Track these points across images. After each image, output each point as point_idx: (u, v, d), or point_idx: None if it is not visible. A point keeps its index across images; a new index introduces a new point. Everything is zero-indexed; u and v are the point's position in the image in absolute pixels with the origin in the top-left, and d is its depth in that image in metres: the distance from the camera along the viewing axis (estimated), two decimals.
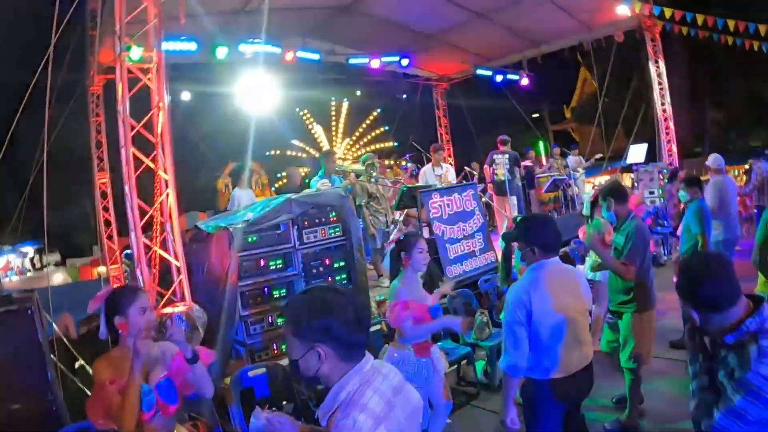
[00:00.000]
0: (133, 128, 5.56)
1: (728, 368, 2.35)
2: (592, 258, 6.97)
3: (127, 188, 5.54)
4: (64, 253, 21.06)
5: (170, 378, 3.06)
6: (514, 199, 10.88)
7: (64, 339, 7.99)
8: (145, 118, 5.65)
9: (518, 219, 4.44)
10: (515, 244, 6.06)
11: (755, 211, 11.40)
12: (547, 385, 3.57)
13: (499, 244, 6.94)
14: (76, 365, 7.88)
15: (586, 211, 6.89)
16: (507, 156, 10.88)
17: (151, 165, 5.60)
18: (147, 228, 5.85)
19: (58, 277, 16.50)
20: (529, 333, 3.49)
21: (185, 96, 12.14)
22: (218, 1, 10.33)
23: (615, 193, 5.24)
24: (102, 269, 16.06)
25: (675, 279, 2.63)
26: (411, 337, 4.30)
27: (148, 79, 5.75)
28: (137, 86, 5.83)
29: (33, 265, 21.67)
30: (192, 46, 10.21)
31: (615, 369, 5.31)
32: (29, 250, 21.73)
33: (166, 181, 5.62)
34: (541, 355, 3.53)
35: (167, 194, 5.61)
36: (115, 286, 3.18)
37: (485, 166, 11.45)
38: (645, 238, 5.08)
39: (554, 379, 3.56)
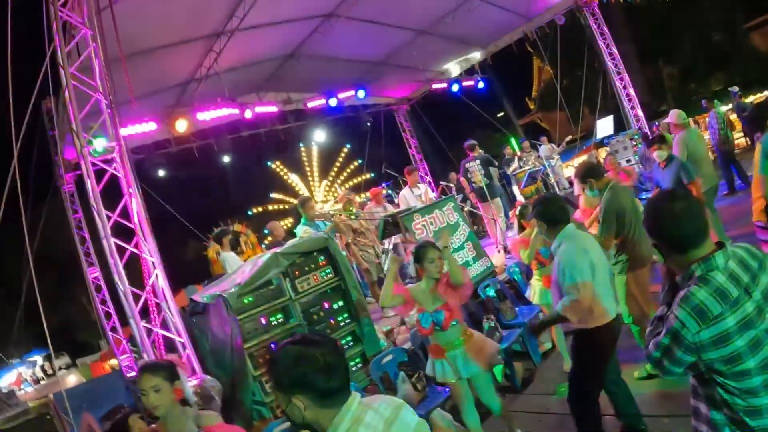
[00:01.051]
0: (109, 218, 5.64)
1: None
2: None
3: (116, 278, 5.61)
4: (72, 355, 21.04)
5: None
6: (498, 201, 10.95)
7: None
8: (120, 207, 5.73)
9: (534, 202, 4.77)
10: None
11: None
12: (599, 332, 4.02)
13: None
14: None
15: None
16: (478, 161, 10.98)
17: (135, 251, 5.67)
18: (146, 312, 5.90)
19: (72, 379, 16.41)
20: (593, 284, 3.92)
21: (160, 173, 12.23)
22: (167, 77, 10.51)
23: (589, 172, 5.76)
24: (114, 362, 15.98)
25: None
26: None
27: (114, 168, 5.84)
28: (105, 177, 5.92)
29: (44, 372, 21.55)
30: (151, 126, 10.33)
31: None
32: (37, 358, 21.62)
33: (153, 263, 5.69)
34: (604, 300, 3.99)
35: (156, 275, 5.67)
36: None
37: (460, 177, 11.55)
38: (615, 205, 5.43)
39: (604, 325, 4.01)
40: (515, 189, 13.57)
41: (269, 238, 11.31)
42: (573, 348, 4.35)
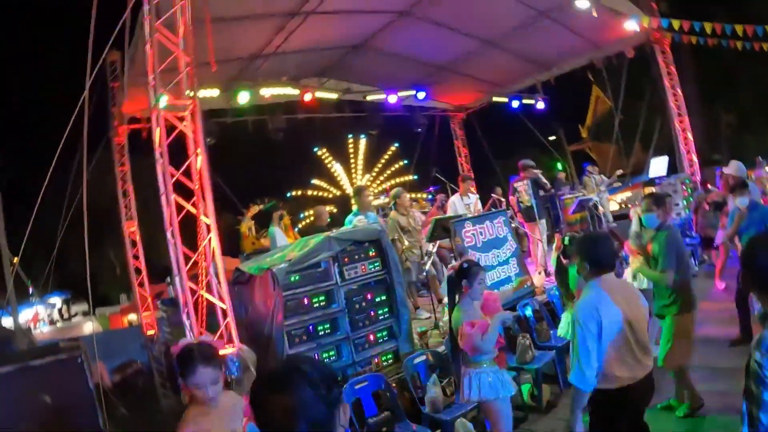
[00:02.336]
0: (172, 176, 5.66)
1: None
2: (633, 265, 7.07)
3: (170, 235, 5.62)
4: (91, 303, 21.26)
5: (252, 423, 3.08)
6: (543, 222, 10.84)
7: (103, 388, 8.07)
8: (184, 165, 5.75)
9: (576, 237, 4.61)
10: (565, 261, 6.25)
11: None
12: (616, 395, 3.68)
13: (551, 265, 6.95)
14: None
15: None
16: (528, 181, 10.89)
17: (193, 210, 5.68)
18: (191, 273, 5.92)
19: (88, 327, 16.58)
20: (600, 345, 3.60)
21: (209, 140, 12.28)
22: (236, 48, 10.56)
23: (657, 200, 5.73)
24: (133, 317, 16.14)
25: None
26: (486, 348, 4.48)
27: (184, 126, 5.86)
28: (172, 134, 5.94)
29: (61, 315, 21.81)
30: (214, 92, 10.40)
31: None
32: (57, 300, 21.88)
33: (207, 226, 5.70)
34: (611, 365, 3.65)
35: (209, 239, 5.68)
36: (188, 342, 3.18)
37: (510, 196, 11.47)
38: (677, 244, 5.43)
39: (622, 388, 3.66)
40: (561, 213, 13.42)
41: (304, 222, 11.32)
42: (589, 409, 3.93)
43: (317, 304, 6.03)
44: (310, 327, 5.93)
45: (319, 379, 1.73)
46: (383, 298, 6.52)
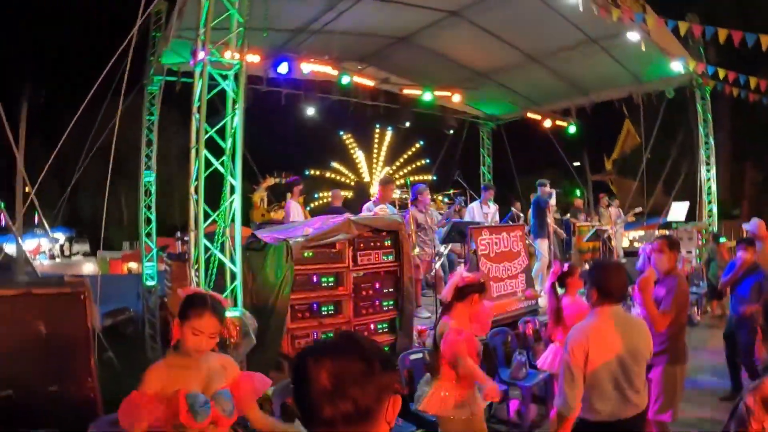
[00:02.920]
0: (206, 131, 5.67)
1: None
2: None
3: (193, 188, 5.62)
4: (94, 245, 21.38)
5: (228, 390, 3.02)
6: (541, 243, 10.79)
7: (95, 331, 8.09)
8: (221, 123, 5.76)
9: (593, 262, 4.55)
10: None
11: None
12: (597, 428, 3.64)
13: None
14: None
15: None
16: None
17: (221, 168, 5.68)
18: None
19: (88, 268, 16.68)
20: (585, 375, 3.57)
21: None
22: (284, 18, 10.54)
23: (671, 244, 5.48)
24: (133, 265, 16.22)
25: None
26: (461, 365, 4.35)
27: (226, 84, 5.86)
28: (213, 91, 5.95)
29: (62, 252, 21.90)
30: (255, 58, 10.38)
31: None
32: (61, 236, 21.96)
33: (233, 187, 5.70)
34: (595, 397, 3.61)
35: (232, 200, 5.69)
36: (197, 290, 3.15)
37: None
38: (684, 293, 5.24)
39: (605, 423, 3.62)
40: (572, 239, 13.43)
41: (317, 202, 11.33)
42: None
43: (325, 284, 6.04)
44: (314, 305, 5.94)
45: (374, 356, 1.56)
46: (390, 290, 6.52)
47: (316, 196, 20.19)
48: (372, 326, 6.36)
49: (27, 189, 9.63)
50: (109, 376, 7.39)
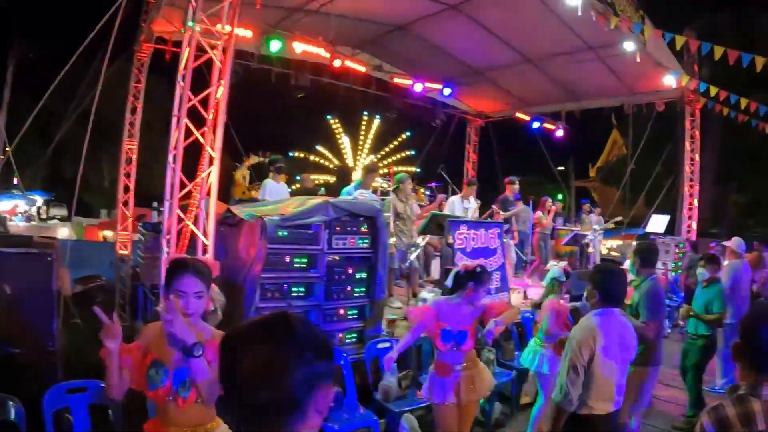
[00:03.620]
0: (190, 100, 5.58)
1: None
2: None
3: (171, 156, 5.54)
4: (70, 210, 21.10)
5: (188, 368, 2.87)
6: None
7: (63, 294, 7.95)
8: (204, 93, 5.67)
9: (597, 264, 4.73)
10: None
11: None
12: (588, 421, 3.79)
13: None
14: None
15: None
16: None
17: (201, 139, 5.60)
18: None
19: (63, 232, 16.45)
20: (587, 369, 3.72)
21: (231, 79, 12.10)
22: None
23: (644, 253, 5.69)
24: (108, 233, 16.02)
25: None
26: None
27: (214, 54, 5.77)
28: (200, 60, 5.86)
29: (39, 215, 21.64)
30: (248, 33, 10.27)
31: None
32: (39, 199, 21.69)
33: (211, 158, 5.62)
34: (594, 396, 3.75)
35: (210, 172, 5.61)
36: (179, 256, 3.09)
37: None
38: (659, 297, 5.40)
39: (594, 416, 3.79)
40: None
41: (297, 185, 11.26)
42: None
43: (298, 265, 5.95)
44: (285, 285, 5.85)
45: (308, 344, 1.47)
46: (363, 276, 6.45)
47: (298, 177, 20.09)
48: (342, 311, 6.29)
49: (7, 149, 9.50)
50: (75, 342, 7.31)
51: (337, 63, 11.69)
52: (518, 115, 15.27)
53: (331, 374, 1.55)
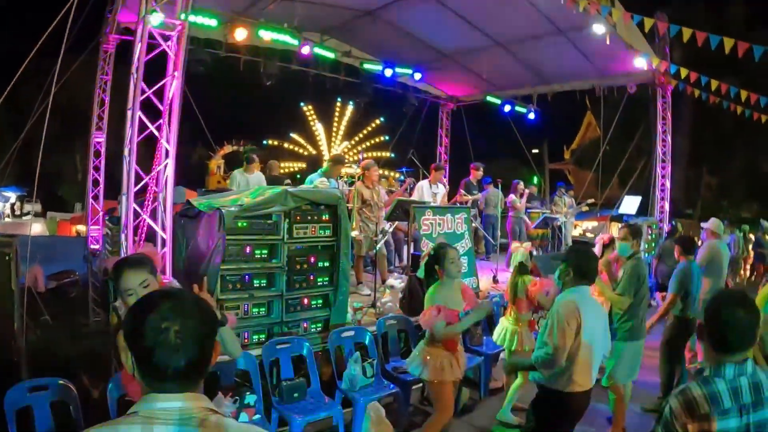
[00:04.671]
0: (143, 93, 5.52)
1: None
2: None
3: (126, 151, 5.49)
4: (45, 205, 20.87)
5: None
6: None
7: (35, 291, 7.88)
8: (157, 85, 5.61)
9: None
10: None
11: None
12: (567, 398, 3.97)
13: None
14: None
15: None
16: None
17: (156, 132, 5.55)
18: (137, 195, 5.79)
19: (36, 228, 16.25)
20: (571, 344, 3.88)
21: (199, 70, 11.99)
22: None
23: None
24: (81, 228, 15.85)
25: None
26: (439, 336, 4.71)
27: (168, 46, 5.70)
28: (154, 51, 5.79)
29: (13, 211, 21.33)
30: (212, 22, 10.15)
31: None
32: (12, 195, 21.37)
33: (167, 152, 5.57)
34: (572, 368, 3.91)
35: (166, 165, 5.56)
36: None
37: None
38: (639, 275, 5.69)
39: (573, 393, 3.96)
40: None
41: (269, 173, 11.20)
42: (534, 404, 4.26)
43: (259, 256, 5.93)
44: (246, 276, 5.83)
45: (209, 313, 1.70)
46: (326, 264, 6.44)
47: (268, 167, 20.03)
48: (306, 301, 6.27)
49: None
50: (43, 339, 7.25)
51: (305, 50, 11.61)
52: (489, 98, 15.23)
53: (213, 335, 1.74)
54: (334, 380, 5.78)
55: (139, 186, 5.54)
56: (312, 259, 6.31)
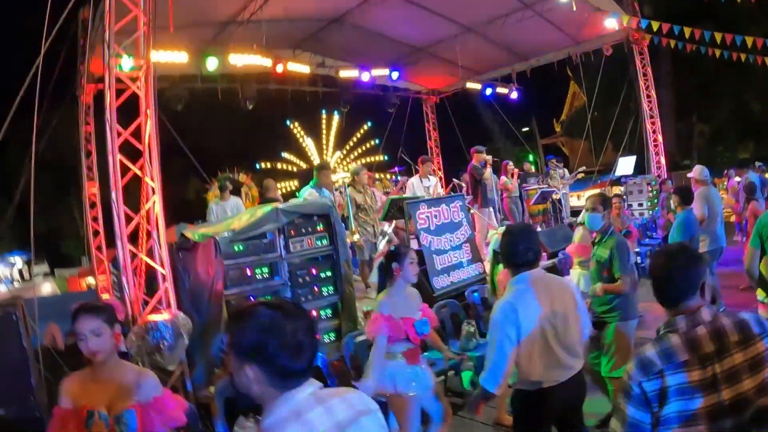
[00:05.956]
0: (120, 135, 5.56)
1: None
2: (577, 270, 7.15)
3: (113, 195, 5.52)
4: (52, 264, 20.99)
5: (133, 411, 2.92)
6: (486, 211, 10.80)
7: (51, 349, 7.93)
8: (133, 126, 5.65)
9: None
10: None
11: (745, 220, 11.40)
12: (537, 396, 3.54)
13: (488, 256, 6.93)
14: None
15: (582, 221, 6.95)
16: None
17: (138, 172, 5.59)
18: (135, 237, 5.82)
19: (47, 288, 16.35)
20: (518, 346, 3.43)
21: (179, 106, 12.05)
22: (209, 13, 10.40)
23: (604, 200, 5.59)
24: (91, 280, 15.93)
25: None
26: (377, 353, 4.30)
27: (137, 87, 5.75)
28: (125, 94, 5.83)
29: (21, 275, 21.48)
30: (182, 57, 10.23)
31: (594, 384, 5.20)
32: (18, 260, 21.56)
33: (152, 189, 5.61)
34: (530, 367, 3.50)
35: (153, 201, 5.60)
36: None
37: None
38: (628, 250, 5.21)
39: (543, 390, 3.51)
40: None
41: (266, 194, 11.26)
42: (511, 404, 3.92)
43: (260, 276, 5.97)
44: (251, 298, 5.87)
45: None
46: (328, 274, 6.48)
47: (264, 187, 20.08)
48: (314, 313, 6.31)
49: None
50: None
51: (279, 68, 11.66)
52: (469, 85, 15.27)
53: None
54: (350, 386, 5.78)
55: (131, 227, 5.57)
56: (314, 271, 6.36)
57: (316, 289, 6.34)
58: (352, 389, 1.97)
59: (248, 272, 5.88)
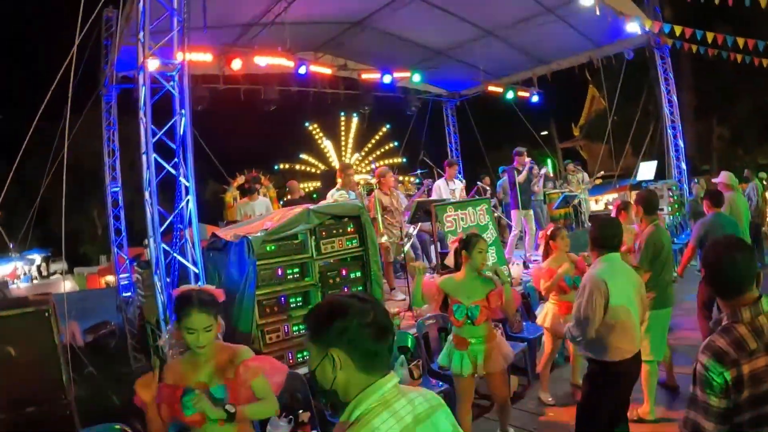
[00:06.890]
0: (155, 134, 5.59)
1: None
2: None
3: (147, 194, 5.56)
4: (70, 262, 21.16)
5: (224, 387, 3.08)
6: (526, 213, 10.81)
7: (75, 346, 7.98)
8: (168, 125, 5.68)
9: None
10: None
11: None
12: (616, 366, 4.01)
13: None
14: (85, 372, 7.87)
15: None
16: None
17: (173, 171, 5.62)
18: (162, 236, 5.85)
19: (66, 286, 16.51)
20: (605, 316, 3.93)
21: (200, 106, 12.10)
22: (234, 14, 10.44)
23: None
24: (111, 278, 16.07)
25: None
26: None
27: (171, 86, 5.78)
28: (159, 93, 5.86)
29: (40, 272, 21.67)
30: (208, 57, 10.28)
31: None
32: (36, 257, 21.74)
33: (186, 188, 5.64)
34: (615, 337, 3.97)
35: (187, 200, 5.63)
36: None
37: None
38: (655, 243, 5.57)
39: (623, 361, 4.01)
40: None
41: (288, 196, 11.29)
42: (586, 378, 4.30)
43: (291, 276, 5.97)
44: (282, 298, 5.87)
45: None
46: (358, 275, 6.48)
47: (288, 189, 20.11)
48: None
49: None
50: (91, 390, 7.33)
51: (301, 70, 11.69)
52: (491, 88, 15.25)
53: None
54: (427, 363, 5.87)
55: (164, 226, 5.60)
56: (344, 272, 6.36)
57: (346, 290, 6.33)
58: (419, 388, 1.98)
59: (279, 272, 5.88)
